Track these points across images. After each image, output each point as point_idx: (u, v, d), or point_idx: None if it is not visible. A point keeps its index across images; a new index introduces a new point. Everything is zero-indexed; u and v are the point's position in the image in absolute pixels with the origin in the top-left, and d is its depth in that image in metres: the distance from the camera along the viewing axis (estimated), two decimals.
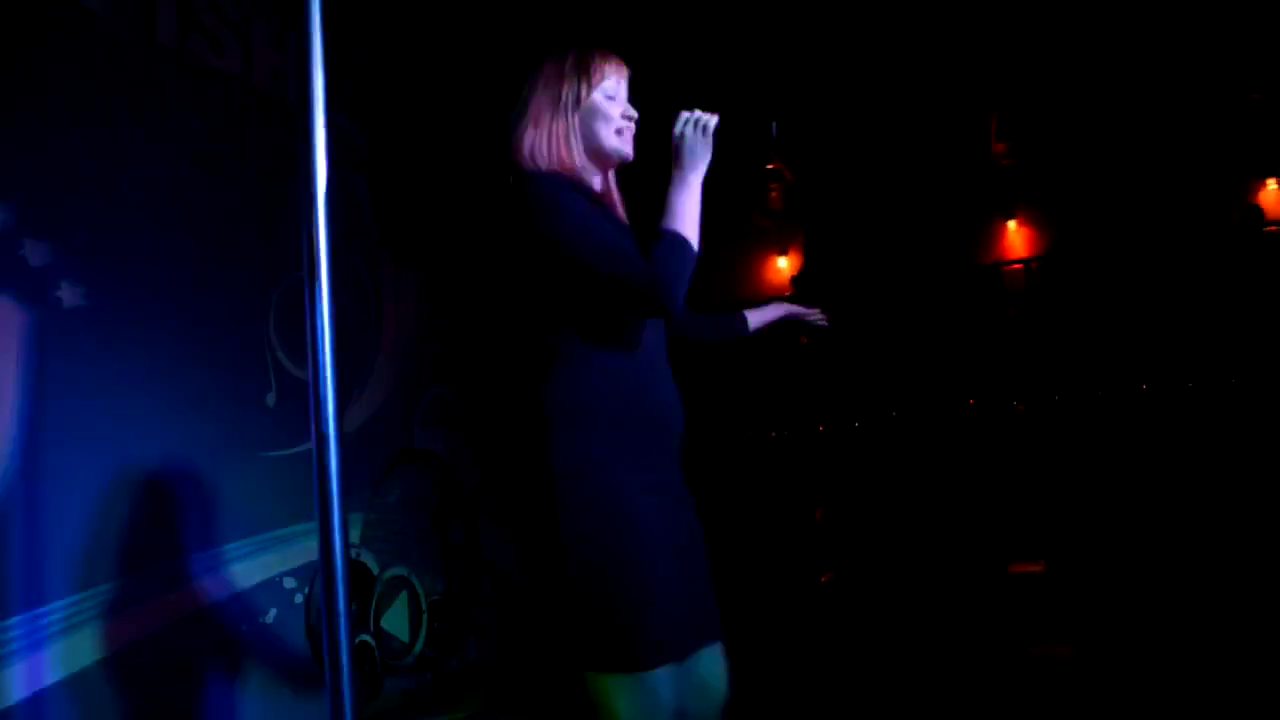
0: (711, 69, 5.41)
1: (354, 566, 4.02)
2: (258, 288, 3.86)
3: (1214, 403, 5.44)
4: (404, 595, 4.50)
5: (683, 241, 1.68)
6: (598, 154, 1.85)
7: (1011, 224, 6.53)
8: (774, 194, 6.79)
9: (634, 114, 1.87)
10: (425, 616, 4.61)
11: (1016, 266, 6.35)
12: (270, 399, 3.83)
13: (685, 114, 1.77)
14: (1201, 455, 5.27)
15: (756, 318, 2.39)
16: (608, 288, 1.65)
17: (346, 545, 1.36)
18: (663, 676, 1.60)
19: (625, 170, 1.95)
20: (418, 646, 4.57)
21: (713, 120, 1.76)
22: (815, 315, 2.51)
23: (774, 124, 1.81)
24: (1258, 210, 5.82)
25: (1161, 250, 5.92)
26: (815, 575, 5.71)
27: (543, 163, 1.80)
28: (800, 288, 6.66)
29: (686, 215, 1.72)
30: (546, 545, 1.65)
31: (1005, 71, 6.08)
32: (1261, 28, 5.51)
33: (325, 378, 1.42)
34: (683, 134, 1.78)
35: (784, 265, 6.95)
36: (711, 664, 1.77)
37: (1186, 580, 4.71)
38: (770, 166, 6.43)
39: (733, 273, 6.95)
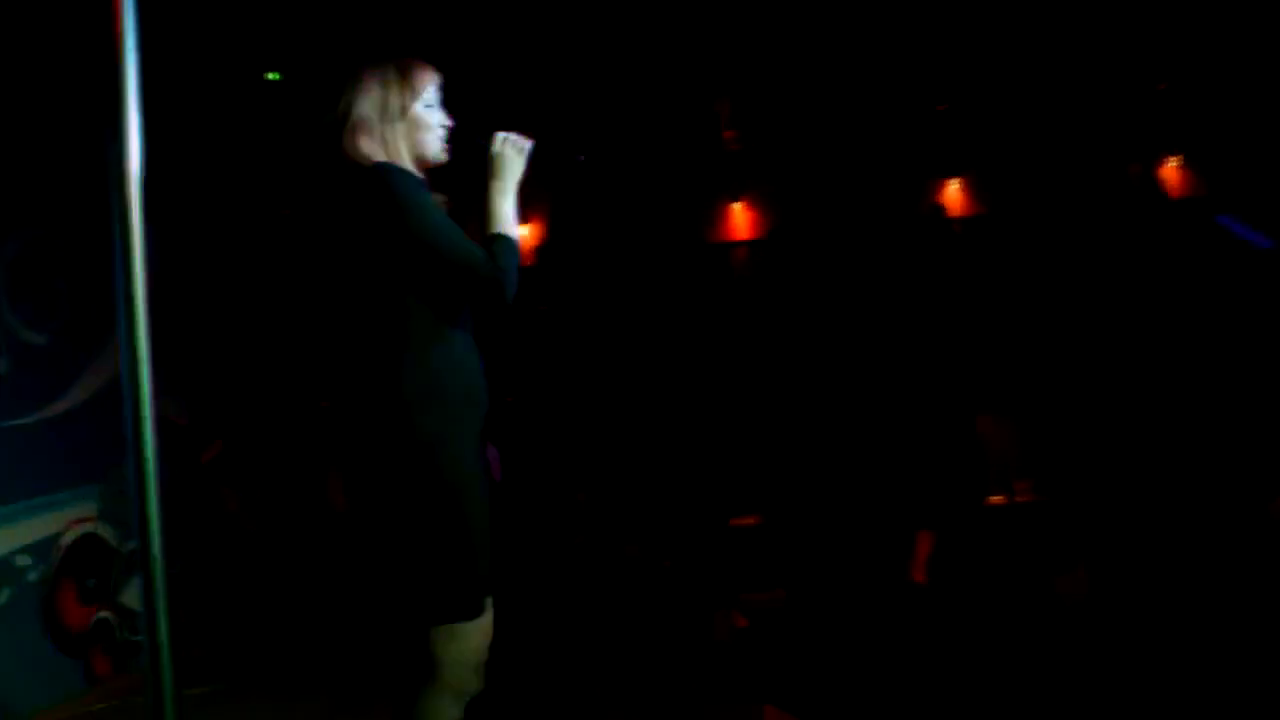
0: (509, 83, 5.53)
1: (91, 540, 3.90)
2: None
3: (906, 376, 6.24)
4: None
5: (514, 242, 1.96)
6: (419, 160, 2.02)
7: (737, 206, 7.09)
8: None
9: (449, 122, 2.04)
10: None
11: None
12: (1, 366, 3.63)
13: (502, 134, 2.02)
14: (894, 420, 6.04)
15: None
16: (459, 280, 1.87)
17: (164, 544, 1.42)
18: (477, 622, 1.87)
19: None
20: None
21: (527, 142, 2.01)
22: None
23: (581, 156, 2.07)
24: (941, 208, 6.68)
25: (862, 236, 6.67)
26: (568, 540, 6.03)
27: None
28: (542, 258, 6.92)
29: (504, 219, 1.99)
30: (398, 511, 1.84)
31: (735, 64, 6.57)
32: (949, 46, 6.29)
33: (141, 375, 1.48)
34: (501, 151, 2.00)
35: (526, 233, 7.18)
36: (489, 611, 2.05)
37: (879, 530, 5.42)
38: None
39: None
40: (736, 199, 7.04)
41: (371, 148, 1.93)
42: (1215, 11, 5.73)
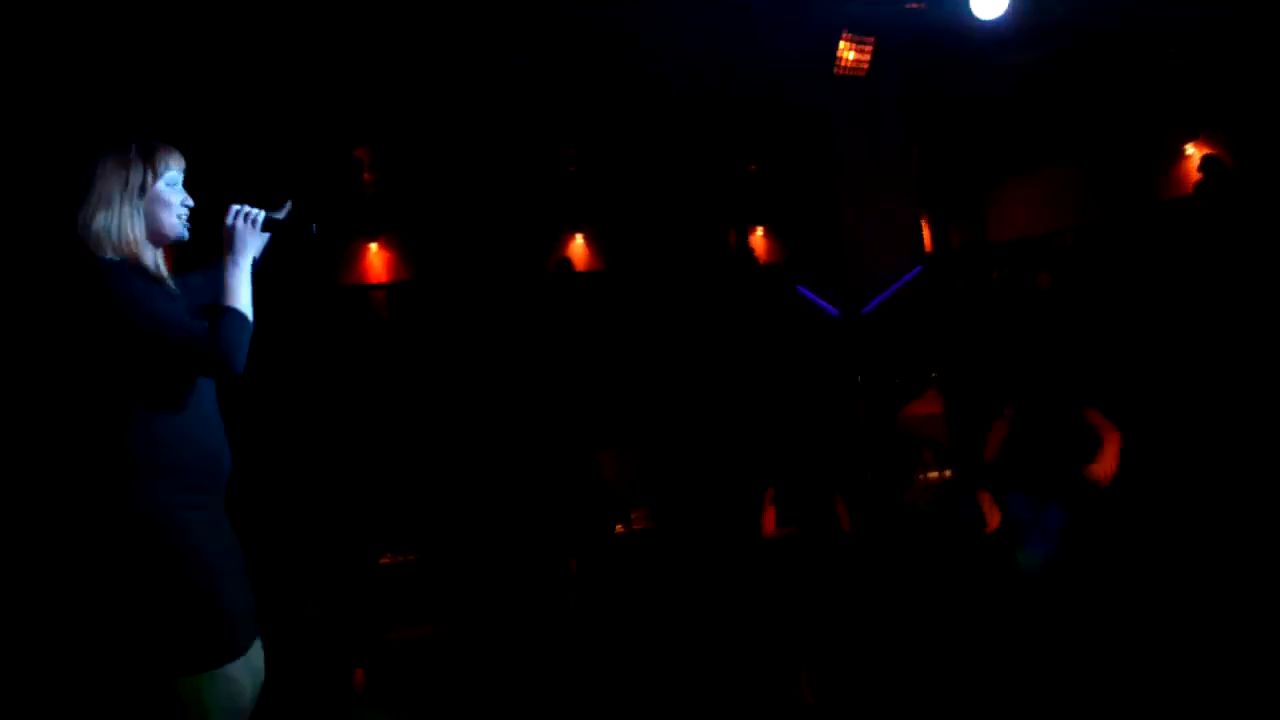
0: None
1: None
2: None
3: (537, 416, 6.69)
4: None
5: (239, 315, 1.99)
6: (157, 236, 2.04)
7: (374, 247, 7.22)
8: None
9: (191, 202, 2.09)
10: None
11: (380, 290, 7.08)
12: None
13: (235, 207, 2.08)
14: (528, 458, 6.46)
15: None
16: (179, 360, 1.93)
17: None
18: (239, 666, 1.97)
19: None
20: None
21: (261, 214, 2.09)
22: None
23: (314, 225, 2.18)
24: (568, 262, 7.27)
25: (495, 285, 7.07)
26: None
27: (109, 246, 1.96)
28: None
29: (241, 293, 2.01)
30: (129, 580, 1.88)
31: (378, 110, 6.72)
32: (577, 116, 6.88)
33: None
34: (234, 225, 2.07)
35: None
36: (258, 653, 2.14)
37: (540, 565, 5.77)
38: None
39: None
40: (374, 239, 7.17)
41: (105, 223, 1.96)
42: (790, 102, 6.74)
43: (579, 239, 7.46)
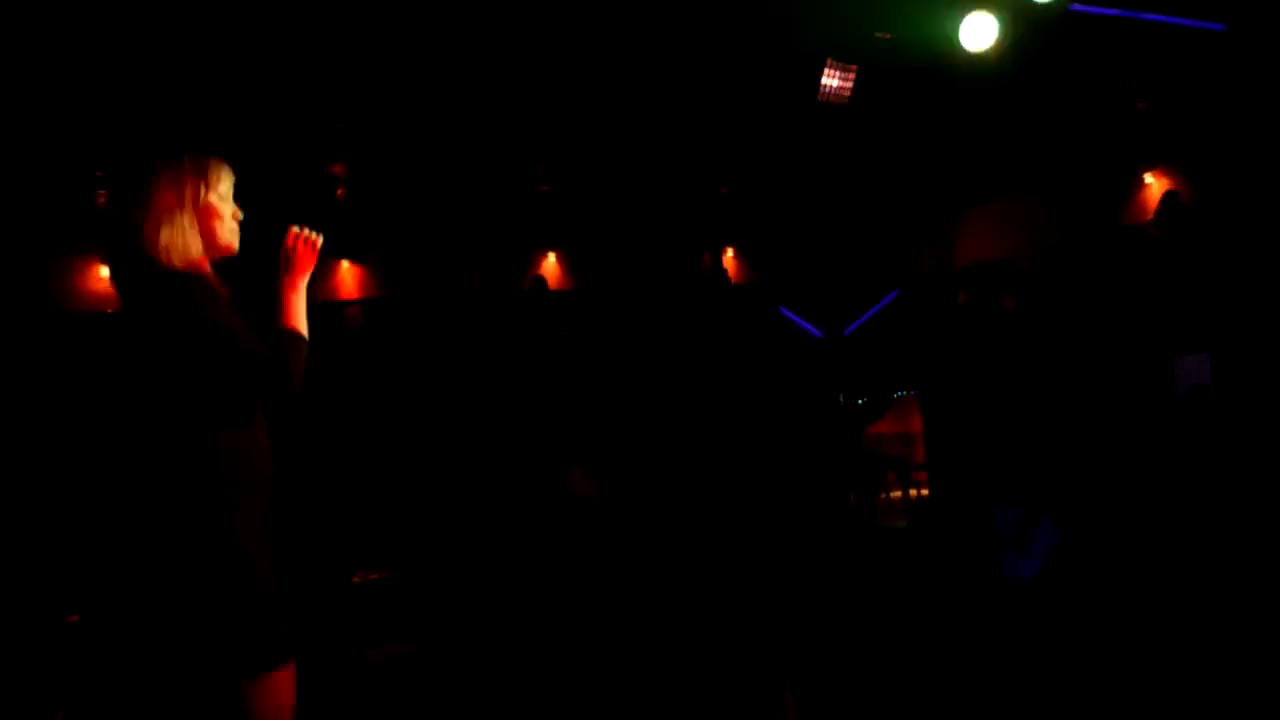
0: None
1: None
2: None
3: (509, 434, 6.70)
4: None
5: (300, 337, 2.06)
6: (212, 248, 2.07)
7: (345, 263, 7.17)
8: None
9: (241, 214, 2.12)
10: None
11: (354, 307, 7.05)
12: None
13: (295, 229, 2.12)
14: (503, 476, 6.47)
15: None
16: (250, 378, 1.96)
17: None
18: (287, 676, 1.99)
19: None
20: None
21: (319, 237, 2.13)
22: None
23: (370, 249, 2.24)
24: (542, 280, 7.30)
25: (469, 303, 7.08)
26: None
27: (177, 259, 1.97)
28: None
29: (300, 314, 2.09)
30: (203, 585, 1.89)
31: (351, 125, 6.71)
32: (553, 133, 6.91)
33: None
34: (294, 247, 2.12)
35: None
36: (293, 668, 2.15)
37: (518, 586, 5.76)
38: None
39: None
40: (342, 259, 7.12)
41: (170, 238, 1.97)
42: (767, 127, 6.86)
43: (551, 258, 7.49)
